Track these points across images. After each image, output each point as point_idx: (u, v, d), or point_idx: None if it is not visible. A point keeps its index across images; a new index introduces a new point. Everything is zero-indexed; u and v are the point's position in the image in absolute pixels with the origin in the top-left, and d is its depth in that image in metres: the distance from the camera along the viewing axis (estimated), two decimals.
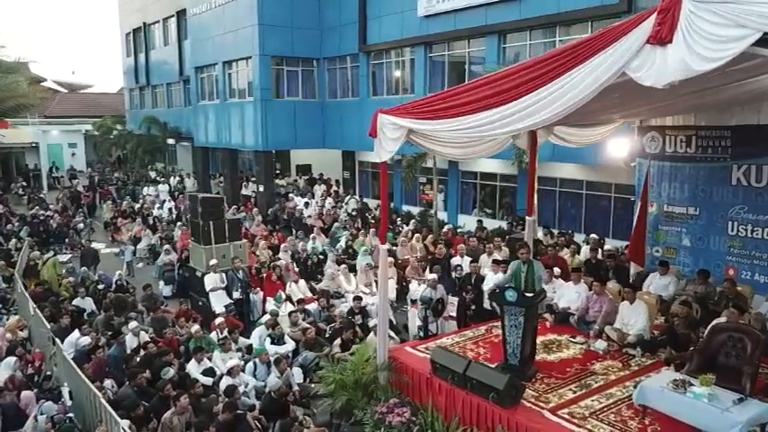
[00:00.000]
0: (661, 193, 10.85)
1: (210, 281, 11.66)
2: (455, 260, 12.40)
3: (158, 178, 31.92)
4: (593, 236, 13.68)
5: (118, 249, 18.71)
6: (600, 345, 8.25)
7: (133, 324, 10.24)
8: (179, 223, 19.08)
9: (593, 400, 6.78)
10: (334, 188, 24.14)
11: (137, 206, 23.33)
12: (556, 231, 15.56)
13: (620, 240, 14.25)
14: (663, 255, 10.84)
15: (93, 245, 18.38)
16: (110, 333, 10.44)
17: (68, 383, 8.37)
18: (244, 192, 23.58)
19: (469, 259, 12.32)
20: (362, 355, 8.25)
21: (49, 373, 9.44)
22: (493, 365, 7.42)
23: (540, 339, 8.27)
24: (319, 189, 23.71)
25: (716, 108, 9.65)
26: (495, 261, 11.36)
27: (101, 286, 13.44)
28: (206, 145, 26.43)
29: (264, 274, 12.73)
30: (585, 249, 12.72)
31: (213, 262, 11.76)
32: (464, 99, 6.11)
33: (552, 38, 14.95)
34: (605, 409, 6.59)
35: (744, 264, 9.80)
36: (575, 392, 7.00)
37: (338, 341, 9.83)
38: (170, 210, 22.85)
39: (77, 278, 13.82)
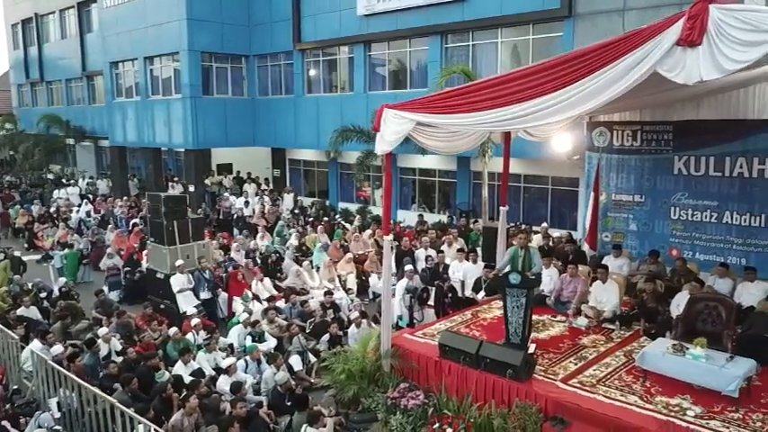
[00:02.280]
0: (609, 183, 11.86)
1: (178, 282, 11.31)
2: (420, 252, 12.82)
3: (64, 180, 29.83)
4: (545, 225, 14.61)
5: (39, 256, 17.50)
6: (581, 321, 8.99)
7: (104, 330, 9.78)
8: (110, 226, 18.11)
9: (594, 370, 7.45)
10: (264, 186, 23.84)
11: (52, 210, 21.75)
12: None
13: (559, 229, 15.34)
14: (612, 239, 11.87)
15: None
16: (71, 342, 9.92)
17: (53, 394, 7.90)
18: (170, 192, 22.62)
19: (433, 251, 12.81)
20: (366, 344, 8.43)
21: (16, 386, 8.82)
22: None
23: None
24: (249, 188, 23.29)
25: (659, 105, 10.73)
26: (459, 250, 11.90)
27: (42, 294, 12.60)
28: (124, 144, 25.12)
29: (223, 274, 12.55)
30: (537, 237, 13.59)
31: (179, 262, 11.40)
32: (488, 95, 6.50)
33: (494, 39, 15.76)
34: (608, 376, 7.26)
35: (685, 245, 10.98)
36: (576, 364, 7.63)
37: (326, 336, 9.94)
38: (88, 213, 21.55)
39: (14, 287, 12.85)
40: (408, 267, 11.05)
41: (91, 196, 24.82)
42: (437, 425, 7.05)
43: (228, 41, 21.35)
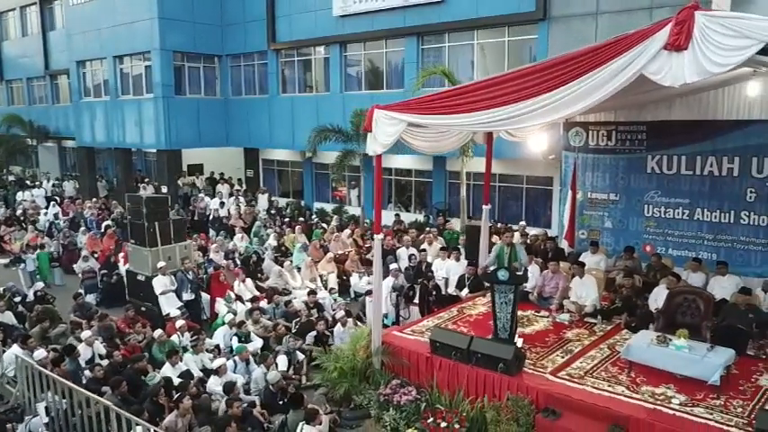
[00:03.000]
0: (585, 182, 12.19)
1: (160, 284, 11.21)
2: (402, 251, 12.98)
3: (28, 182, 29.03)
4: (522, 223, 14.91)
5: (8, 260, 17.07)
6: (564, 316, 9.26)
7: (87, 334, 9.64)
8: (81, 228, 17.76)
9: (581, 362, 7.70)
10: (237, 187, 23.66)
11: (18, 213, 21.19)
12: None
13: (533, 227, 15.68)
14: (588, 237, 12.21)
15: None
16: (52, 346, 9.75)
17: (39, 398, 7.78)
18: (141, 193, 22.22)
19: (414, 249, 12.98)
20: (357, 342, 8.53)
21: None
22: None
23: None
24: (223, 188, 23.08)
25: (633, 106, 11.09)
26: (442, 249, 12.08)
27: (17, 299, 12.33)
28: (92, 145, 24.62)
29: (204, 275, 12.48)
30: (516, 236, 13.84)
31: (161, 264, 11.29)
32: (481, 96, 6.67)
33: (470, 41, 16.01)
34: (595, 368, 7.52)
35: (659, 241, 11.38)
36: (563, 357, 7.88)
37: (312, 333, 10.01)
38: (55, 215, 21.07)
39: None
40: (393, 266, 11.18)
41: (58, 198, 24.25)
42: (431, 419, 7.19)
43: (201, 41, 21.14)
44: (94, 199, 23.04)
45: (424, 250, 12.60)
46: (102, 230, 17.61)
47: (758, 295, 8.85)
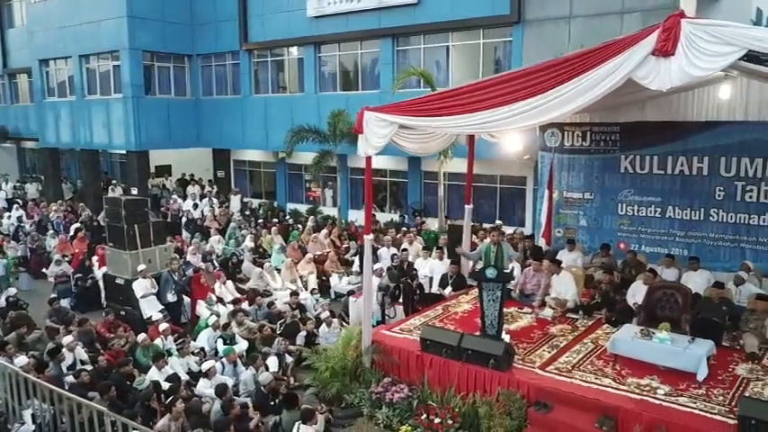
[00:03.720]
0: (561, 182, 12.50)
1: (141, 287, 11.05)
2: (383, 251, 13.09)
3: None
4: (498, 222, 15.19)
5: None
6: (547, 312, 9.52)
7: (68, 339, 9.46)
8: (50, 232, 17.33)
9: (567, 357, 7.95)
10: (208, 188, 23.40)
11: None
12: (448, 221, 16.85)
13: (507, 226, 15.99)
14: (564, 235, 12.52)
15: None
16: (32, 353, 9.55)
17: (23, 406, 7.62)
18: (111, 195, 21.80)
19: (394, 249, 13.11)
20: (348, 341, 8.60)
21: None
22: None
23: None
24: (193, 190, 22.81)
25: (607, 108, 11.42)
26: (425, 248, 12.25)
27: None
28: (57, 146, 24.01)
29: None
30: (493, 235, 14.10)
31: (142, 267, 11.14)
32: (473, 98, 6.84)
33: (446, 42, 16.22)
34: (581, 362, 7.77)
35: (632, 238, 11.76)
36: (549, 352, 8.11)
37: (302, 333, 10.05)
38: (19, 218, 20.47)
39: None
40: (378, 266, 11.26)
41: (20, 201, 23.56)
42: (424, 416, 7.33)
43: (171, 40, 20.84)
44: (60, 201, 22.48)
45: (406, 250, 12.73)
46: (72, 233, 17.21)
47: (730, 289, 9.24)
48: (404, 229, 15.91)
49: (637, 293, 9.35)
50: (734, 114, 10.21)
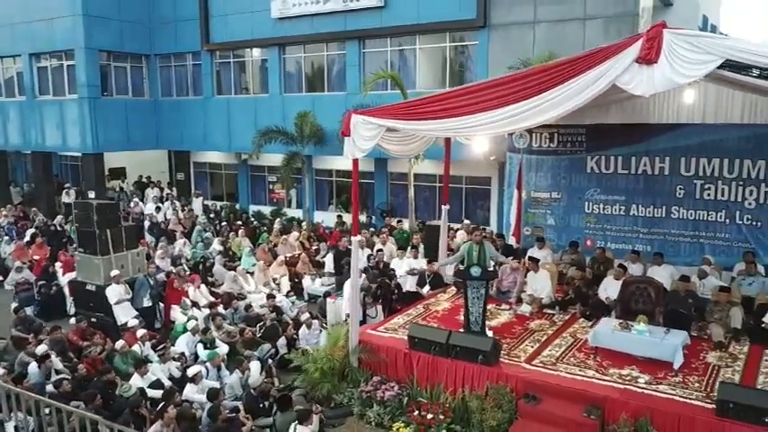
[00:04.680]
0: (529, 182, 12.88)
1: (114, 293, 10.81)
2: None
3: None
4: (467, 222, 15.52)
5: None
6: (525, 308, 9.85)
7: (43, 348, 9.19)
8: (5, 238, 16.67)
9: (550, 350, 8.27)
10: (167, 191, 22.95)
11: None
12: (417, 221, 17.10)
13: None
14: (532, 233, 12.92)
15: None
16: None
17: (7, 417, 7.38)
18: (65, 200, 21.11)
19: (368, 250, 13.23)
20: (335, 342, 8.68)
21: None
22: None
23: None
24: (152, 192, 22.32)
25: (574, 110, 11.87)
26: (400, 248, 12.44)
27: None
28: (5, 148, 23.06)
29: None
30: (461, 234, 14.44)
31: (115, 273, 10.90)
32: (460, 102, 7.05)
33: (412, 45, 16.45)
34: (563, 355, 8.10)
35: (598, 235, 12.24)
36: (533, 347, 8.41)
37: (283, 340, 10.06)
38: None
39: None
40: (362, 266, 11.35)
41: None
42: (417, 412, 7.50)
43: (128, 40, 20.35)
44: (9, 206, 21.61)
45: (381, 250, 12.88)
46: (29, 239, 16.59)
47: (694, 282, 9.78)
48: (372, 229, 16.04)
49: (608, 288, 9.80)
50: (693, 117, 10.77)
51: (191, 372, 8.52)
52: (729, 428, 6.20)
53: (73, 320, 11.49)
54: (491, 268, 8.55)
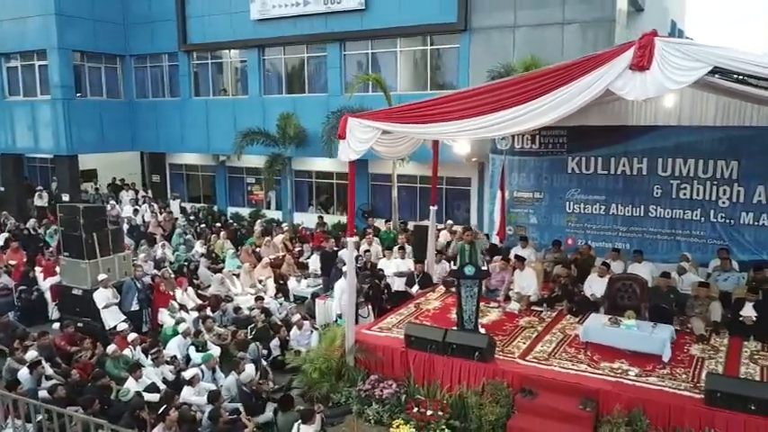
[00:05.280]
0: (512, 182, 13.18)
1: (102, 297, 10.71)
2: (343, 253, 13.27)
3: None
4: (450, 222, 15.75)
5: None
6: (514, 306, 10.11)
7: (33, 354, 9.08)
8: None
9: (542, 346, 8.53)
10: (142, 193, 22.65)
11: None
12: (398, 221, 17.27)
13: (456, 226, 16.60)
14: (515, 232, 13.22)
15: None
16: None
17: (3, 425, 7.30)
18: (38, 203, 20.66)
19: (356, 252, 13.33)
20: (332, 341, 8.79)
21: None
22: None
23: None
24: (127, 195, 22.00)
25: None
26: (388, 249, 12.61)
27: None
28: None
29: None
30: (444, 234, 14.68)
31: (102, 277, 10.80)
32: (456, 107, 7.24)
33: (393, 48, 16.62)
34: (555, 350, 8.37)
35: (579, 234, 12.60)
36: (525, 343, 8.66)
37: (276, 341, 10.12)
38: None
39: None
40: (346, 267, 11.44)
41: None
42: (416, 408, 7.66)
43: (102, 40, 20.04)
44: None
45: (368, 251, 13.01)
46: (2, 244, 16.21)
47: (674, 278, 10.17)
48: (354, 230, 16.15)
49: (593, 285, 10.14)
50: (669, 119, 11.18)
51: (188, 374, 8.53)
52: (718, 417, 6.52)
53: (56, 326, 11.40)
54: (484, 267, 8.75)
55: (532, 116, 6.88)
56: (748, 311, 8.79)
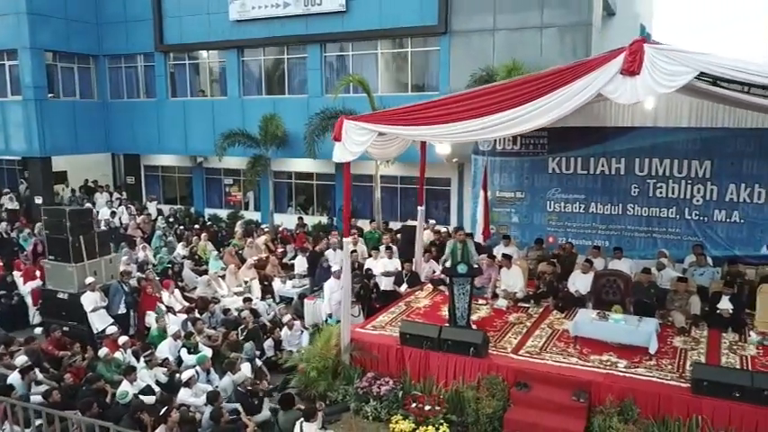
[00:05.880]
0: (494, 183, 13.48)
1: (90, 300, 10.61)
2: (329, 253, 13.41)
3: None
4: (432, 221, 15.98)
5: None
6: (501, 302, 10.38)
7: (22, 359, 8.97)
8: None
9: (533, 341, 8.80)
10: (117, 195, 22.29)
11: None
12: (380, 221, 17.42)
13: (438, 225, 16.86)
14: (497, 231, 13.53)
15: None
16: None
17: None
18: (9, 206, 20.16)
19: (340, 251, 13.47)
20: (328, 340, 8.91)
21: None
22: None
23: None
24: (101, 197, 21.63)
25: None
26: (375, 248, 12.77)
27: None
28: None
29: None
30: (427, 233, 14.88)
31: (90, 280, 10.69)
32: (450, 110, 7.46)
33: (374, 50, 16.78)
34: (546, 345, 8.65)
35: (560, 232, 12.97)
36: (516, 338, 8.92)
37: (270, 342, 10.20)
38: None
39: None
40: (336, 268, 11.57)
41: None
42: (414, 404, 7.84)
43: (75, 39, 19.72)
44: None
45: (355, 251, 13.12)
46: None
47: (654, 273, 10.58)
48: (336, 231, 16.27)
49: (576, 281, 10.48)
50: (645, 121, 11.62)
51: (185, 376, 8.55)
52: (705, 404, 6.87)
53: (38, 330, 11.23)
54: (476, 265, 8.99)
55: (529, 118, 7.13)
56: (725, 305, 9.23)
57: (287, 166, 19.37)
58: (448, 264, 9.11)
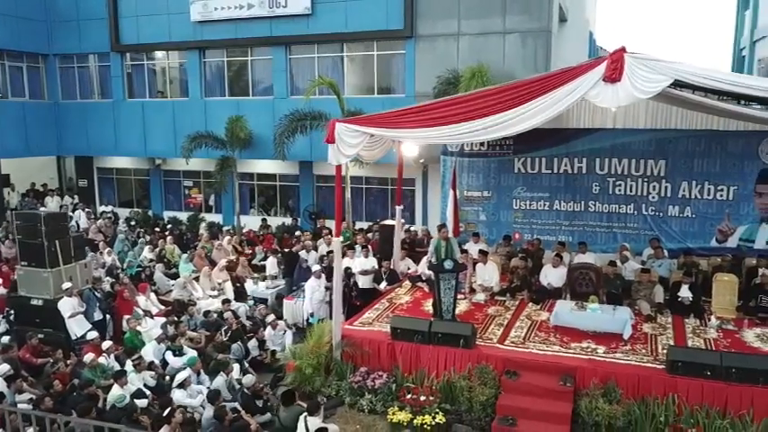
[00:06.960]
0: (462, 182, 13.98)
1: (67, 306, 10.40)
2: (304, 253, 13.55)
3: None
4: (402, 220, 16.27)
5: None
6: (479, 296, 10.85)
7: (5, 368, 8.78)
8: None
9: (515, 332, 9.29)
10: (69, 199, 21.60)
11: None
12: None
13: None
14: (466, 229, 14.04)
15: None
16: None
17: None
18: None
19: (314, 253, 13.68)
20: (320, 338, 9.12)
21: None
22: None
23: (430, 301, 10.39)
24: (52, 201, 20.91)
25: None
26: (349, 248, 13.02)
27: None
28: None
29: None
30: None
31: (67, 285, 10.48)
32: (451, 111, 7.82)
33: (340, 53, 16.99)
34: (528, 335, 9.16)
35: (525, 228, 13.61)
36: (499, 330, 9.39)
37: (254, 342, 10.30)
38: None
39: None
40: (317, 267, 11.76)
41: None
42: (409, 395, 8.18)
43: (24, 38, 19.01)
44: None
45: (331, 251, 13.30)
46: None
47: (619, 266, 11.30)
48: (299, 232, 16.40)
49: (548, 275, 11.07)
50: (605, 123, 12.38)
51: (179, 377, 8.61)
52: (680, 383, 7.51)
53: (5, 339, 10.88)
54: (460, 261, 9.40)
55: (517, 121, 7.58)
56: (685, 293, 10.00)
57: (249, 167, 19.30)
58: (434, 260, 9.46)
